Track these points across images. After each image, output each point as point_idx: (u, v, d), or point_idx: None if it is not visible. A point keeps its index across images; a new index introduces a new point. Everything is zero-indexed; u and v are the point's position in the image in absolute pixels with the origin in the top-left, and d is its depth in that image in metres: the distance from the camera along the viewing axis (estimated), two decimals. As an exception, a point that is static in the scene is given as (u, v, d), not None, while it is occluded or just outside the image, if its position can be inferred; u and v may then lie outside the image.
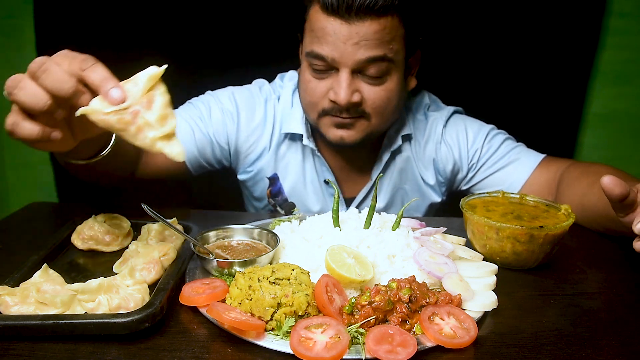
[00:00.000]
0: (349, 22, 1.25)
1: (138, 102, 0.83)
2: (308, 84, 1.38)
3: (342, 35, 1.26)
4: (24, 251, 1.04)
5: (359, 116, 1.37)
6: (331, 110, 1.36)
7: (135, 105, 0.83)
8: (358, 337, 0.80)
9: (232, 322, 0.78)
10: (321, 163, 1.57)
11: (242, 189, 1.75)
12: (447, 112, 1.62)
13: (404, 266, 0.99)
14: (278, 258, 1.05)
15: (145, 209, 1.00)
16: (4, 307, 0.82)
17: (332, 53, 1.28)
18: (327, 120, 1.40)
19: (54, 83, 0.78)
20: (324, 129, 1.42)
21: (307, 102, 1.41)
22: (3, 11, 2.44)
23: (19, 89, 0.79)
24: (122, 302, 0.84)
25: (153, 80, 0.85)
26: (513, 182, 1.54)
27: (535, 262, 1.09)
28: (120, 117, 0.82)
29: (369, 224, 1.09)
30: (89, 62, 0.82)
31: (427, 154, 1.60)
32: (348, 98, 1.30)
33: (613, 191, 0.89)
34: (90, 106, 0.81)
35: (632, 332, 0.87)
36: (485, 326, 0.87)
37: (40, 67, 0.78)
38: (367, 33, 1.25)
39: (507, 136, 1.62)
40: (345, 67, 1.29)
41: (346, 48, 1.26)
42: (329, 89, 1.34)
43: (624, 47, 2.38)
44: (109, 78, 0.82)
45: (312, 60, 1.34)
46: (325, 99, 1.36)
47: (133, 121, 0.83)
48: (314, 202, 1.61)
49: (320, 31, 1.29)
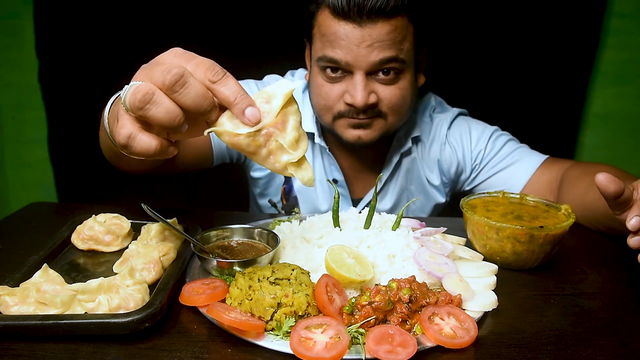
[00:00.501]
0: (361, 25, 1.26)
1: (272, 124, 0.75)
2: (322, 88, 1.39)
3: (355, 38, 1.27)
4: (24, 251, 1.04)
5: (375, 116, 1.39)
6: (347, 113, 1.38)
7: (269, 126, 0.75)
8: (358, 337, 0.80)
9: (232, 322, 0.78)
10: (331, 162, 1.58)
11: (251, 186, 1.76)
12: (452, 114, 1.63)
13: (404, 266, 0.99)
14: (278, 258, 1.05)
15: (145, 209, 1.00)
16: (4, 307, 0.82)
17: (345, 57, 1.29)
18: (343, 122, 1.41)
19: (195, 99, 0.71)
20: (339, 130, 1.43)
21: (322, 106, 1.42)
22: (3, 11, 2.44)
23: (154, 104, 0.70)
24: (122, 302, 0.84)
25: (287, 98, 0.77)
26: (515, 182, 1.54)
27: (535, 262, 1.09)
28: (252, 138, 0.75)
29: (369, 224, 1.09)
30: (220, 74, 0.74)
31: (432, 155, 1.61)
32: (365, 100, 1.32)
33: (608, 188, 0.89)
34: (222, 126, 0.74)
35: (632, 332, 0.87)
36: (485, 326, 0.87)
37: (179, 79, 0.70)
38: (379, 35, 1.27)
39: (510, 137, 1.63)
40: (359, 69, 1.31)
41: (360, 51, 1.28)
42: (344, 92, 1.35)
43: (624, 47, 2.38)
44: (243, 95, 0.74)
45: (324, 64, 1.34)
46: (341, 102, 1.37)
47: (265, 144, 0.76)
48: (323, 201, 1.62)
49: (332, 36, 1.30)
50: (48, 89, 2.47)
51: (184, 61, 0.74)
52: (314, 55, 1.39)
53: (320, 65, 1.37)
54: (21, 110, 2.60)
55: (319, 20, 1.34)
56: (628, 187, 0.91)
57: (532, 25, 2.26)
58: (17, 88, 2.54)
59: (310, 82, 1.47)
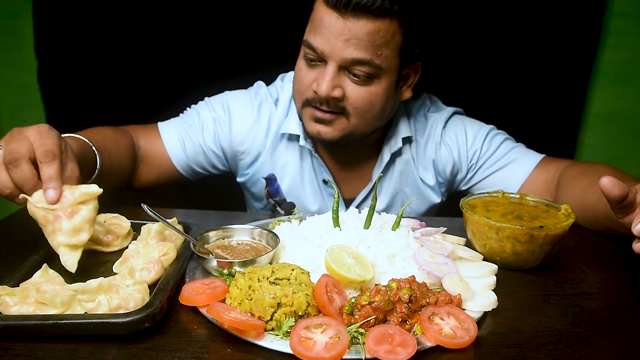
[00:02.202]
0: (344, 17, 1.25)
1: (64, 209, 0.95)
2: (299, 72, 1.40)
3: (335, 29, 1.26)
4: (24, 251, 1.04)
5: (338, 112, 1.37)
6: (313, 101, 1.37)
7: (60, 210, 0.94)
8: (358, 337, 0.80)
9: (232, 322, 0.78)
10: (319, 164, 1.57)
11: (243, 190, 1.77)
12: (447, 113, 1.62)
13: (404, 266, 0.99)
14: (278, 258, 1.05)
15: (145, 209, 1.00)
16: (4, 307, 0.82)
17: (322, 45, 1.29)
18: (308, 112, 1.40)
19: (19, 179, 0.94)
20: (305, 120, 1.44)
21: (296, 89, 1.43)
22: (3, 11, 2.44)
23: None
24: (122, 302, 0.84)
25: (87, 197, 0.96)
26: (512, 182, 1.54)
27: (535, 262, 1.09)
28: (45, 214, 0.94)
29: (369, 224, 1.09)
30: (48, 157, 0.94)
31: (427, 155, 1.60)
32: (328, 92, 1.31)
33: (612, 192, 0.89)
34: (32, 196, 0.95)
35: (632, 332, 0.87)
36: (485, 326, 0.87)
37: (14, 162, 0.93)
38: (358, 32, 1.25)
39: (506, 136, 1.62)
40: (332, 61, 1.30)
41: (336, 43, 1.27)
42: (315, 80, 1.35)
43: (624, 47, 2.38)
44: (54, 179, 0.94)
45: (305, 49, 1.35)
46: (310, 89, 1.37)
47: (52, 222, 0.94)
48: (312, 202, 1.61)
49: (318, 22, 1.30)
50: (47, 89, 2.46)
51: (36, 139, 0.95)
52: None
53: (303, 49, 1.37)
54: (21, 110, 2.60)
55: (315, 6, 1.34)
56: (632, 190, 0.91)
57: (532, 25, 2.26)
58: (17, 88, 2.53)
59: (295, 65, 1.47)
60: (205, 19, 2.24)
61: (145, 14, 2.25)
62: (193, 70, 2.30)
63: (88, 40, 2.32)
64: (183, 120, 1.60)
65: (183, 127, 1.58)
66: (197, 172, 1.63)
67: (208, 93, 1.68)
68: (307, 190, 1.61)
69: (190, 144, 1.57)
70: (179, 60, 2.31)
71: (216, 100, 1.63)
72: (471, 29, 2.26)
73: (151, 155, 1.57)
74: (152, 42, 2.28)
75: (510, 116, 2.10)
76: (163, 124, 1.61)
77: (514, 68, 2.32)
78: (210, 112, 1.59)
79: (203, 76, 2.27)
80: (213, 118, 1.58)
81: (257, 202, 1.72)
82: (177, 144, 1.57)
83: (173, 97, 2.37)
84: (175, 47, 2.28)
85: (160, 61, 2.31)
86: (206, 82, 1.81)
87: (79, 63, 2.36)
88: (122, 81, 2.37)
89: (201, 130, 1.58)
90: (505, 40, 2.27)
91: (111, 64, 2.35)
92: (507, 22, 2.25)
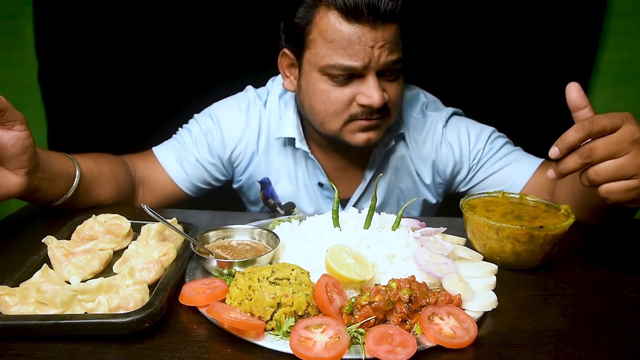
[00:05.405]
0: (375, 27, 1.27)
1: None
2: (329, 94, 1.35)
3: (369, 40, 1.27)
4: (24, 251, 1.04)
5: (383, 115, 1.40)
6: (361, 114, 1.36)
7: None
8: (358, 337, 0.80)
9: (232, 322, 0.78)
10: (314, 166, 1.57)
11: (240, 196, 1.78)
12: (447, 113, 1.62)
13: (404, 266, 0.99)
14: (278, 258, 1.05)
15: (145, 209, 1.00)
16: (4, 307, 0.82)
17: (360, 61, 1.29)
18: (353, 126, 1.39)
19: None
20: (347, 136, 1.41)
21: (332, 112, 1.37)
22: (3, 11, 2.44)
23: None
24: (122, 302, 0.84)
25: None
26: (513, 183, 1.54)
27: (535, 262, 1.09)
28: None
29: (369, 224, 1.09)
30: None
31: (424, 152, 1.59)
32: (381, 99, 1.32)
33: (572, 93, 1.04)
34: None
35: (632, 332, 0.87)
36: (485, 326, 0.87)
37: None
38: (390, 36, 1.29)
39: (507, 139, 1.62)
40: (372, 70, 1.31)
41: (373, 53, 1.29)
42: (355, 94, 1.34)
43: (624, 47, 2.38)
44: None
45: (333, 71, 1.32)
46: (353, 105, 1.36)
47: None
48: (308, 204, 1.62)
49: (345, 41, 1.27)
50: (48, 89, 2.47)
51: None
52: (316, 62, 1.34)
53: (324, 72, 1.34)
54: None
55: (320, 25, 1.30)
56: (591, 110, 1.04)
57: (532, 25, 2.26)
58: (17, 88, 2.53)
59: (305, 89, 1.41)
60: (205, 19, 2.24)
61: (145, 12, 2.25)
62: (193, 70, 2.30)
63: (88, 41, 2.32)
64: (177, 141, 1.62)
65: (178, 147, 1.60)
66: (201, 187, 1.65)
67: (210, 94, 1.68)
68: (302, 194, 1.61)
69: (189, 162, 1.59)
70: (180, 58, 2.31)
71: (204, 114, 1.65)
72: (471, 29, 2.26)
73: (151, 178, 1.58)
74: (152, 40, 2.28)
75: (510, 116, 2.10)
76: (158, 148, 1.62)
77: (514, 68, 2.32)
78: (200, 126, 1.61)
79: (205, 75, 2.27)
80: (204, 131, 1.60)
81: (253, 206, 1.74)
82: (176, 165, 1.58)
83: (173, 97, 2.37)
84: (177, 44, 2.28)
85: (161, 60, 2.31)
86: (208, 81, 1.81)
87: (80, 63, 2.36)
88: (122, 81, 2.37)
89: (195, 146, 1.60)
90: (505, 40, 2.27)
91: (111, 64, 2.35)
92: (507, 22, 2.25)
